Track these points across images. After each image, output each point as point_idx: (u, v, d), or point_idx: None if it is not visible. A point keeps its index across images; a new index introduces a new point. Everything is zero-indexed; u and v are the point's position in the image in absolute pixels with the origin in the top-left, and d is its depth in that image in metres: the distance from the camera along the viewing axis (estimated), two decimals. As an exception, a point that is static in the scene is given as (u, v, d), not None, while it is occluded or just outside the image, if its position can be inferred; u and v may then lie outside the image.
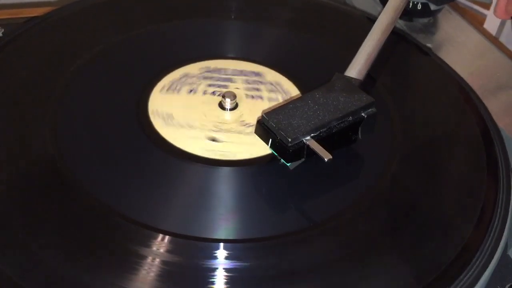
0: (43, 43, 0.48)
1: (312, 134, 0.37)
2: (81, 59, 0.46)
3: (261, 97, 0.44)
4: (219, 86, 0.45)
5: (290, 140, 0.36)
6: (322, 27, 0.53)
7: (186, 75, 0.46)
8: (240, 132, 0.41)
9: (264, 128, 0.37)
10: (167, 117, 0.42)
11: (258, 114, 0.42)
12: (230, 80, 0.46)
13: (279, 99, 0.44)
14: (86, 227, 0.34)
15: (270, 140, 0.37)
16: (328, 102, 0.38)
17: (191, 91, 0.44)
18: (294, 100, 0.39)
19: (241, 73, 0.47)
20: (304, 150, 0.37)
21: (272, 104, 0.44)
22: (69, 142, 0.39)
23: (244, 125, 0.42)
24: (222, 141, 0.40)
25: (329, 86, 0.40)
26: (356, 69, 0.42)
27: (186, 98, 0.44)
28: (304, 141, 0.36)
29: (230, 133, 0.41)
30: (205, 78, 0.46)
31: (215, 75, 0.46)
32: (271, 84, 0.46)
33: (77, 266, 0.32)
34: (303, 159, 0.37)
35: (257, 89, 0.45)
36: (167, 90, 0.44)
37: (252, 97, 0.44)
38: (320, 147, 0.36)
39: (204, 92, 0.44)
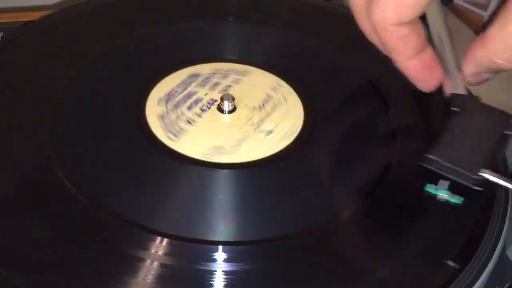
0: (39, 47, 0.48)
1: (484, 165, 0.33)
2: (79, 62, 0.46)
3: (230, 85, 0.45)
4: (195, 101, 0.44)
5: (473, 176, 0.33)
6: (323, 31, 0.53)
7: (163, 117, 0.43)
8: (269, 114, 0.43)
9: (432, 171, 0.34)
10: (219, 149, 0.40)
11: (250, 96, 0.43)
12: (191, 93, 0.45)
13: (238, 77, 0.45)
14: (84, 230, 0.34)
15: (444, 181, 0.34)
16: (475, 126, 0.35)
17: (189, 122, 0.43)
18: (442, 135, 0.35)
19: (186, 83, 0.46)
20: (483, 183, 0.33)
21: (241, 84, 0.44)
22: (68, 144, 0.39)
23: (261, 108, 0.43)
24: (274, 129, 0.42)
25: (463, 111, 0.36)
26: (461, 85, 0.37)
27: (199, 129, 0.42)
28: (483, 174, 0.33)
29: (266, 119, 0.43)
30: (176, 106, 0.44)
31: (177, 99, 0.45)
32: (214, 73, 0.46)
33: (75, 269, 0.32)
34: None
35: (217, 83, 0.45)
36: (176, 136, 0.42)
37: (224, 90, 0.45)
38: (500, 175, 0.33)
39: (198, 115, 0.43)
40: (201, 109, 0.43)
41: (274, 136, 0.41)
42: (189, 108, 0.44)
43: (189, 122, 0.42)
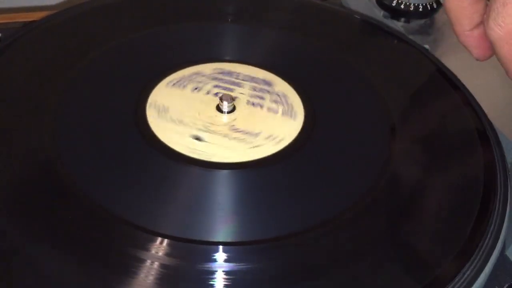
0: (40, 47, 0.48)
1: None
2: (79, 62, 0.46)
3: (261, 106, 0.44)
4: (225, 88, 0.45)
5: None
6: (335, 35, 0.53)
7: (197, 73, 0.46)
8: (225, 136, 0.41)
9: None
10: (162, 110, 0.43)
11: (251, 121, 0.42)
12: (238, 84, 0.46)
13: (279, 111, 0.44)
14: (83, 231, 0.34)
15: None
16: None
17: (196, 88, 0.45)
18: None
19: (252, 79, 0.46)
20: None
21: (271, 114, 0.44)
22: (68, 145, 0.39)
23: (232, 130, 0.42)
24: (204, 141, 0.41)
25: None
26: None
27: (188, 95, 0.44)
28: None
29: (215, 134, 0.41)
30: (215, 79, 0.46)
31: (226, 77, 0.46)
32: (277, 95, 0.45)
33: (74, 270, 0.32)
34: None
35: (261, 98, 0.45)
36: (174, 84, 0.45)
37: (253, 104, 0.44)
38: None
39: (208, 92, 0.45)
40: (216, 93, 0.44)
41: (197, 143, 0.41)
42: (215, 86, 0.45)
43: (195, 89, 0.44)
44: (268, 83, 0.46)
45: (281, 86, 0.46)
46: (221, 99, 0.43)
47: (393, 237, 0.36)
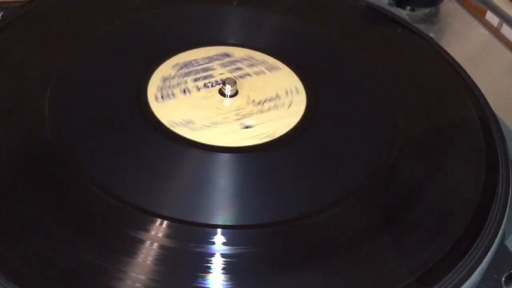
0: (40, 27, 0.47)
1: None
2: (79, 43, 0.45)
3: (248, 74, 0.44)
4: (205, 77, 0.44)
5: None
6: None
7: (166, 78, 0.44)
8: (261, 112, 0.41)
9: None
10: (188, 123, 0.40)
11: (260, 90, 0.42)
12: (208, 69, 0.45)
13: (264, 70, 0.44)
14: (85, 212, 0.34)
15: None
16: None
17: (184, 91, 0.43)
18: None
19: (211, 59, 0.45)
20: None
21: (262, 76, 0.44)
22: (69, 126, 0.39)
23: (259, 104, 0.42)
24: (254, 125, 0.40)
25: None
26: None
27: (188, 100, 0.42)
28: None
29: (254, 115, 0.41)
30: (186, 75, 0.44)
31: (191, 68, 0.45)
32: (245, 59, 0.45)
33: (75, 251, 0.32)
34: None
35: (239, 68, 0.44)
36: (163, 98, 0.42)
37: (241, 76, 0.44)
38: None
39: (198, 88, 0.43)
40: (205, 85, 0.43)
41: (250, 131, 0.40)
42: (195, 80, 0.44)
43: (184, 92, 0.43)
44: (227, 55, 0.46)
45: (239, 52, 0.46)
46: (223, 84, 0.43)
47: (392, 225, 0.35)
